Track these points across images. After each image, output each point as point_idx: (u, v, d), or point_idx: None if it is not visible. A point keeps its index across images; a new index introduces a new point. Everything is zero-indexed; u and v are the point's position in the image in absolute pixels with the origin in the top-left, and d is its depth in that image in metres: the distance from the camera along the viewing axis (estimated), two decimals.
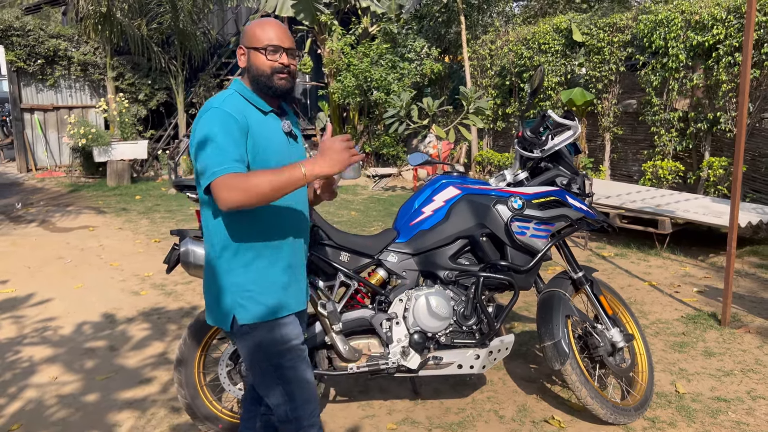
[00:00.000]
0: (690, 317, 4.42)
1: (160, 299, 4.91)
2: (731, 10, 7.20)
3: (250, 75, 2.00)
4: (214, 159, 1.82)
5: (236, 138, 1.85)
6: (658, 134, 8.24)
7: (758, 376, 3.50)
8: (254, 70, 1.98)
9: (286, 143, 2.03)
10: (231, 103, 1.92)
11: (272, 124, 2.00)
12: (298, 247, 2.08)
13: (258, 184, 1.78)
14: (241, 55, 2.02)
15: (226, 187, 1.78)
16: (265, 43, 1.95)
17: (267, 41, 1.96)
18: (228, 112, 1.88)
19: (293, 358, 2.01)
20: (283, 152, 2.00)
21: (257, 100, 1.99)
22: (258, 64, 1.97)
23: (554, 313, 2.94)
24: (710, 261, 5.89)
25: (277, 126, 2.02)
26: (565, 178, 3.05)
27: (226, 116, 1.87)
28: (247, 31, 2.01)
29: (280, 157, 1.96)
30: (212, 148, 1.83)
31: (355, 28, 12.49)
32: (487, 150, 11.11)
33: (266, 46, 1.95)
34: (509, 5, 12.34)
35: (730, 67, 7.29)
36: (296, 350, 2.02)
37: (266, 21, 2.00)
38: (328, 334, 2.73)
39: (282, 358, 2.00)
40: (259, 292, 1.95)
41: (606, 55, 8.81)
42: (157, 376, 3.56)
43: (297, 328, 2.04)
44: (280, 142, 2.01)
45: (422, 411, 3.16)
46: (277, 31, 1.97)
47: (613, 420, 2.92)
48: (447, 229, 2.87)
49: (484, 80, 11.07)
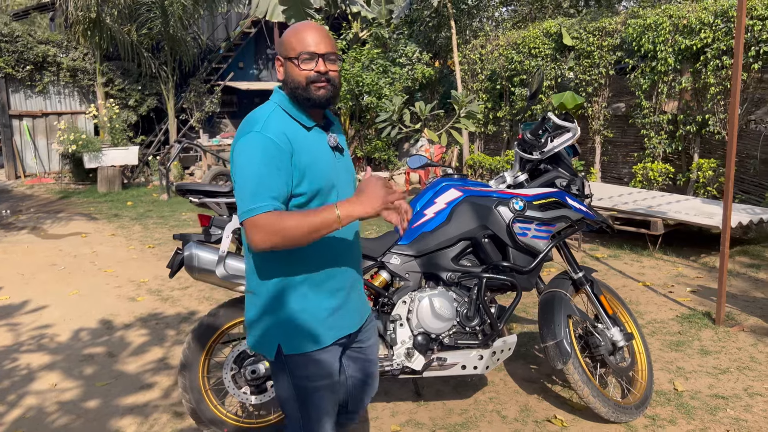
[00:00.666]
0: (685, 316, 4.47)
1: (157, 305, 4.89)
2: (718, 14, 7.31)
3: (287, 88, 1.85)
4: (249, 195, 1.72)
5: (277, 168, 1.74)
6: (647, 137, 8.33)
7: (754, 373, 3.55)
8: (290, 82, 1.83)
9: (332, 159, 1.90)
10: (273, 125, 1.78)
11: (317, 139, 1.87)
12: (347, 269, 1.95)
13: (291, 227, 1.69)
14: (279, 66, 1.87)
15: (258, 229, 1.70)
16: (298, 51, 1.79)
17: (301, 49, 1.79)
18: (270, 138, 1.74)
19: (320, 396, 1.93)
20: (331, 168, 1.88)
21: (299, 115, 1.85)
22: (294, 76, 1.81)
23: (556, 313, 2.97)
24: (702, 261, 5.96)
25: (322, 141, 1.89)
26: (565, 179, 3.09)
27: (267, 143, 1.74)
28: (283, 39, 1.85)
29: (329, 175, 1.86)
30: (249, 180, 1.73)
31: (346, 34, 12.53)
32: (479, 153, 11.17)
33: (299, 55, 1.79)
34: (499, 10, 12.43)
35: (717, 70, 7.40)
36: (326, 389, 1.93)
37: (300, 26, 1.84)
38: None
39: (311, 394, 1.92)
40: (303, 322, 1.87)
41: (596, 58, 8.90)
42: (158, 382, 3.55)
43: (331, 366, 1.93)
44: (327, 159, 1.87)
45: (425, 412, 3.18)
46: (312, 36, 1.80)
47: (615, 418, 2.95)
48: (449, 231, 2.89)
49: (475, 84, 11.14)
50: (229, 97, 14.67)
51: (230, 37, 14.58)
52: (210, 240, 2.87)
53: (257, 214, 1.70)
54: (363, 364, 2.12)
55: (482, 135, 11.43)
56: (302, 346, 1.87)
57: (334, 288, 1.91)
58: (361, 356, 2.11)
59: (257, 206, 1.70)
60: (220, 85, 13.74)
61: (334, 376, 1.95)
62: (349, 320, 1.98)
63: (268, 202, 1.71)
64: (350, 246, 1.96)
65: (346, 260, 1.95)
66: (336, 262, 1.91)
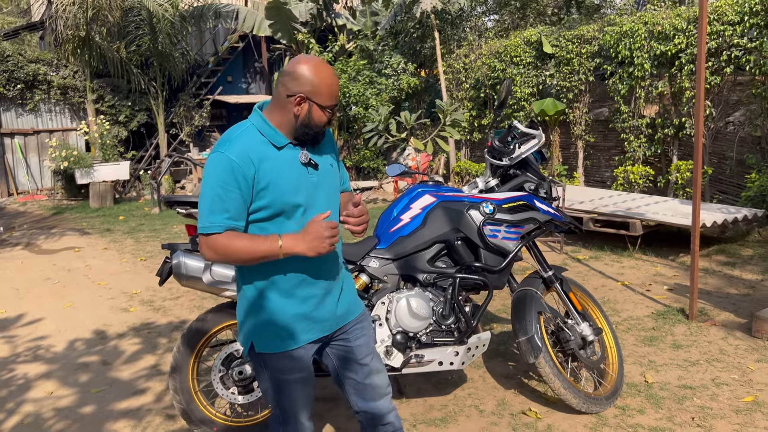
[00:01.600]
0: (660, 313, 4.65)
1: (149, 315, 5.02)
2: (691, 21, 7.54)
3: (299, 124, 1.96)
4: (205, 212, 1.90)
5: (235, 187, 1.88)
6: (628, 140, 8.55)
7: (722, 364, 3.72)
8: (311, 124, 1.97)
9: (304, 173, 2.00)
10: (239, 145, 1.91)
11: (287, 156, 1.98)
12: (320, 278, 2.06)
13: (237, 251, 1.89)
14: (300, 103, 1.94)
15: (207, 246, 1.91)
16: (329, 104, 1.96)
17: (330, 102, 1.96)
18: (231, 159, 1.87)
19: (292, 388, 2.09)
20: (300, 183, 1.98)
21: (273, 135, 1.97)
22: (317, 120, 1.97)
23: (527, 310, 3.13)
24: (680, 260, 6.14)
25: (293, 157, 1.99)
26: (533, 183, 3.26)
27: (228, 164, 1.87)
28: (309, 81, 1.93)
29: (296, 189, 1.97)
30: (207, 197, 1.90)
31: (332, 46, 12.74)
32: (465, 160, 11.36)
33: (330, 107, 1.97)
34: (481, 20, 12.67)
35: (692, 74, 7.62)
36: (297, 382, 2.09)
37: (329, 75, 1.96)
38: None
39: (283, 385, 2.09)
40: (273, 325, 2.02)
41: (575, 65, 9.13)
42: (151, 387, 3.69)
43: (302, 362, 2.08)
44: (295, 175, 1.98)
45: (407, 408, 3.32)
46: (336, 89, 1.99)
47: (586, 409, 3.11)
48: (424, 235, 3.06)
49: (460, 93, 11.35)
50: (218, 111, 14.83)
51: (218, 51, 14.77)
52: (197, 249, 3.02)
53: (210, 233, 1.89)
54: (354, 366, 2.19)
55: (468, 142, 11.63)
56: (272, 345, 2.04)
57: (305, 295, 2.04)
58: (351, 356, 2.18)
59: (210, 224, 1.89)
60: (209, 100, 13.91)
61: (305, 371, 2.10)
62: (322, 325, 2.09)
63: (221, 220, 1.89)
64: (325, 257, 2.02)
65: (320, 269, 2.06)
66: (307, 271, 2.02)
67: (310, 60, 1.95)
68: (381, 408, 2.22)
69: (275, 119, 1.98)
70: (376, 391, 2.21)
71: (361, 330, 2.22)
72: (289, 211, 1.97)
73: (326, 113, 1.97)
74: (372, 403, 2.21)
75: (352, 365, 2.19)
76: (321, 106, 1.95)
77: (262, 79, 15.70)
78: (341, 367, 2.20)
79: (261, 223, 1.97)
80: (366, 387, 2.20)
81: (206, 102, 13.87)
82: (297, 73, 1.93)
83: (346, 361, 2.19)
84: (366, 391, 2.20)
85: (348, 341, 2.18)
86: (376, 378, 2.22)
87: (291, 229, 1.96)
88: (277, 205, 1.94)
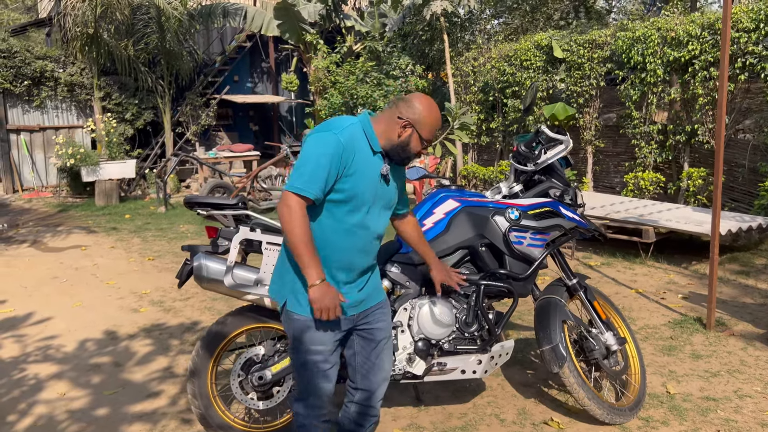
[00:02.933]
0: (677, 322, 4.60)
1: (159, 315, 4.97)
2: (705, 27, 7.50)
3: (398, 144, 2.30)
4: (298, 174, 2.18)
5: (330, 165, 2.17)
6: (638, 146, 8.50)
7: (744, 376, 3.67)
8: (408, 149, 2.32)
9: (377, 182, 2.30)
10: (349, 133, 2.23)
11: (374, 162, 2.29)
12: (354, 260, 2.33)
13: (291, 231, 2.16)
14: (405, 127, 2.29)
15: (287, 203, 2.18)
16: (427, 137, 2.33)
17: (429, 136, 2.33)
18: (340, 142, 2.19)
19: (313, 361, 2.32)
20: (373, 189, 2.29)
21: (374, 140, 2.29)
22: (413, 147, 2.32)
23: (551, 319, 3.08)
24: (693, 268, 6.09)
25: (377, 165, 2.30)
26: (558, 189, 3.21)
27: (337, 145, 2.19)
28: (420, 112, 2.29)
29: (367, 191, 2.27)
30: (307, 165, 2.19)
31: (340, 47, 12.70)
32: (472, 164, 11.31)
33: (428, 140, 2.34)
34: (490, 23, 12.63)
35: (705, 81, 7.58)
36: (319, 354, 2.32)
37: (437, 115, 2.34)
38: None
39: (305, 356, 2.32)
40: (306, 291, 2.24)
41: (586, 70, 9.08)
42: (165, 390, 3.64)
43: (328, 335, 2.32)
44: (373, 180, 2.28)
45: (426, 417, 3.27)
46: (437, 128, 2.37)
47: (610, 420, 3.06)
48: (448, 240, 3.01)
49: (468, 96, 11.31)
50: (224, 110, 14.77)
51: (226, 51, 14.72)
52: (218, 251, 2.98)
53: (299, 194, 2.16)
54: (368, 344, 2.45)
55: (475, 146, 11.58)
56: (302, 308, 2.29)
57: (338, 268, 2.30)
58: (368, 336, 2.45)
59: (303, 187, 2.16)
60: (216, 99, 13.86)
61: (328, 346, 2.32)
62: (349, 303, 2.33)
63: (313, 188, 2.17)
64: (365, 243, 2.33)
65: (358, 264, 2.34)
66: (348, 263, 2.31)
67: (427, 98, 2.34)
68: (379, 390, 2.49)
69: (379, 129, 2.31)
70: (381, 374, 2.48)
71: (382, 315, 2.49)
72: (359, 205, 2.26)
73: (422, 144, 2.33)
74: (374, 384, 2.47)
75: (368, 344, 2.46)
76: (421, 138, 2.32)
77: (269, 79, 15.66)
78: (359, 346, 2.46)
79: (332, 205, 2.25)
80: (373, 366, 2.46)
81: (213, 101, 13.82)
82: (413, 103, 2.31)
83: (364, 341, 2.45)
84: (372, 370, 2.46)
85: (371, 323, 2.45)
86: (384, 361, 2.49)
87: (352, 222, 2.27)
88: (352, 194, 2.23)
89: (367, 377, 2.47)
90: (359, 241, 2.31)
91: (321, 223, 2.28)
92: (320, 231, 2.27)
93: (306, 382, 2.36)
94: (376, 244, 2.40)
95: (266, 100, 14.75)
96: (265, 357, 2.95)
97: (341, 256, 2.29)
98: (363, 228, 2.30)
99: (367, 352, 2.46)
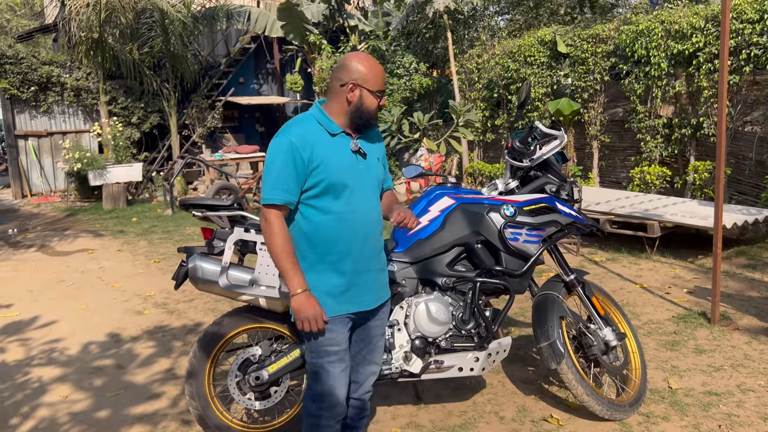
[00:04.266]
0: (681, 317, 4.56)
1: (163, 317, 5.00)
2: (709, 19, 7.42)
3: (352, 108, 2.28)
4: (268, 186, 2.23)
5: (292, 166, 2.20)
6: (644, 141, 8.43)
7: (747, 370, 3.63)
8: (363, 108, 2.28)
9: (352, 160, 2.31)
10: (299, 130, 2.25)
11: (339, 144, 2.29)
12: (360, 257, 2.34)
13: (272, 243, 2.23)
14: (352, 90, 2.26)
15: (264, 215, 2.25)
16: (377, 89, 2.29)
17: (378, 87, 2.29)
18: (291, 141, 2.21)
19: (329, 362, 2.34)
20: (348, 168, 2.29)
21: (329, 124, 2.29)
22: (368, 104, 2.29)
23: (549, 315, 3.07)
24: (699, 262, 6.04)
25: (344, 144, 2.31)
26: (554, 185, 3.19)
27: (288, 145, 2.21)
28: (358, 69, 2.26)
29: (341, 173, 2.26)
30: (269, 174, 2.24)
31: (344, 47, 12.70)
32: (478, 161, 11.28)
33: (379, 92, 2.30)
34: (494, 20, 12.58)
35: (710, 73, 7.50)
36: (334, 355, 2.34)
37: (376, 65, 2.30)
38: None
39: (320, 357, 2.34)
40: (318, 292, 2.29)
41: (590, 65, 9.02)
42: (166, 391, 3.65)
43: (339, 335, 2.34)
44: (346, 162, 2.29)
45: (425, 415, 3.27)
46: (383, 77, 2.32)
47: (609, 416, 3.04)
48: (444, 238, 3.00)
49: (473, 93, 11.27)
50: (230, 112, 14.84)
51: (230, 53, 14.78)
52: (213, 252, 2.98)
53: (268, 204, 2.22)
54: (364, 339, 2.51)
55: (481, 143, 11.54)
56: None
57: (340, 260, 2.30)
58: (364, 331, 2.50)
59: (269, 196, 2.21)
60: (221, 101, 13.92)
61: (342, 345, 2.35)
62: (360, 300, 2.37)
63: (279, 194, 2.21)
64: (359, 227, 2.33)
65: (361, 250, 2.34)
66: (350, 250, 2.31)
67: (357, 54, 2.30)
68: (366, 382, 2.56)
69: (331, 110, 2.31)
70: (370, 367, 2.55)
71: (383, 313, 2.54)
72: (338, 190, 2.26)
73: (376, 97, 2.29)
74: (362, 375, 2.54)
75: (363, 339, 2.51)
76: (371, 91, 2.27)
77: (273, 80, 15.70)
78: (353, 339, 2.49)
79: (313, 200, 2.26)
80: (364, 359, 2.53)
81: (218, 103, 13.88)
82: (347, 65, 2.28)
83: (360, 335, 2.51)
84: (362, 364, 2.53)
85: (368, 320, 2.49)
86: (375, 356, 2.56)
87: (339, 209, 2.27)
88: (327, 182, 2.23)
89: (357, 370, 2.53)
90: (353, 226, 2.31)
91: (311, 221, 2.29)
92: (313, 228, 2.29)
93: (322, 383, 2.35)
94: (373, 227, 2.39)
95: (272, 101, 14.79)
96: (262, 357, 2.95)
97: (340, 247, 2.30)
98: (351, 212, 2.29)
99: (360, 347, 2.51)
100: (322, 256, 2.30)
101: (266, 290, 2.82)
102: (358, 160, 2.32)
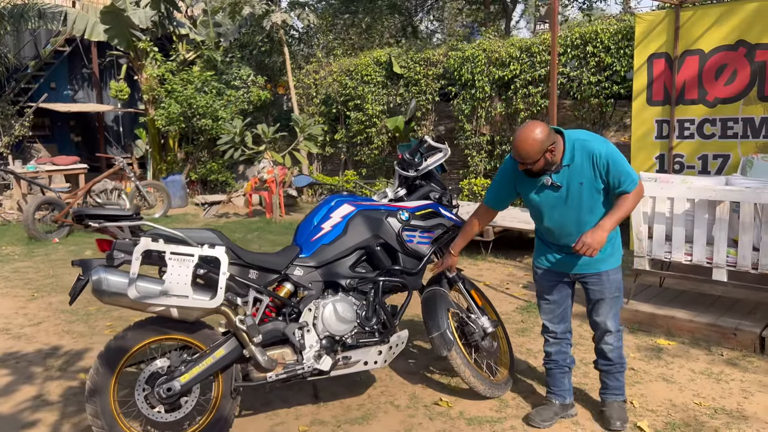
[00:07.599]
0: (523, 308, 5.24)
1: (10, 344, 4.53)
2: (524, 50, 8.54)
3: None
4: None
5: (503, 181, 3.19)
6: (470, 156, 9.37)
7: (584, 347, 4.34)
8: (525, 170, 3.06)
9: (546, 192, 3.03)
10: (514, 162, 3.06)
11: (536, 179, 3.03)
12: (560, 237, 3.11)
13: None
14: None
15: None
16: (517, 161, 2.97)
17: (517, 160, 2.96)
18: (507, 162, 3.16)
19: (541, 303, 3.34)
20: (539, 199, 3.05)
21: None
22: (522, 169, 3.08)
23: (437, 308, 3.43)
24: (526, 261, 6.91)
25: (540, 180, 3.02)
26: (437, 192, 3.59)
27: (505, 165, 3.18)
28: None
29: (536, 203, 3.08)
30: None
31: (176, 55, 12.26)
32: (318, 174, 11.58)
33: (519, 163, 2.97)
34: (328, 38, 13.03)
35: (525, 97, 8.62)
36: (541, 296, 3.32)
37: (518, 141, 2.86)
38: (247, 347, 2.93)
39: (538, 296, 3.38)
40: (537, 252, 3.30)
41: (423, 86, 9.81)
42: (42, 418, 3.38)
43: (547, 284, 3.26)
44: (536, 191, 3.05)
45: (326, 412, 3.44)
46: (522, 152, 2.86)
47: (491, 394, 3.47)
48: (346, 242, 3.22)
49: (311, 108, 11.58)
50: (41, 120, 13.47)
51: (40, 55, 13.45)
52: (113, 264, 2.88)
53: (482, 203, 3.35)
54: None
55: (320, 156, 11.87)
56: (536, 260, 3.29)
57: (550, 242, 3.18)
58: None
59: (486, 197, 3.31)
60: (32, 107, 12.60)
61: (546, 294, 3.27)
62: (559, 265, 3.17)
63: (488, 197, 3.30)
64: (563, 229, 3.07)
65: (560, 234, 3.10)
66: (552, 233, 3.13)
67: (521, 127, 2.91)
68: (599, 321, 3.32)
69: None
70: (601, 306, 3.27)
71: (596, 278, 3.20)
72: (536, 216, 3.18)
73: (520, 167, 2.97)
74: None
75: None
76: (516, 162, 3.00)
77: (91, 87, 14.57)
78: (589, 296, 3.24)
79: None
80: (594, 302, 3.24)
81: (28, 110, 12.55)
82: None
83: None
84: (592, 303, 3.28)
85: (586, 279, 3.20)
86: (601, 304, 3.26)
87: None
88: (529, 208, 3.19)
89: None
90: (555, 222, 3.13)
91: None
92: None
93: (542, 312, 3.39)
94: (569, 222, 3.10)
95: (91, 108, 13.73)
96: (171, 368, 2.92)
97: (547, 231, 3.19)
98: (558, 216, 3.13)
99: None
100: (541, 233, 3.25)
101: (178, 300, 2.81)
102: (555, 190, 3.01)
